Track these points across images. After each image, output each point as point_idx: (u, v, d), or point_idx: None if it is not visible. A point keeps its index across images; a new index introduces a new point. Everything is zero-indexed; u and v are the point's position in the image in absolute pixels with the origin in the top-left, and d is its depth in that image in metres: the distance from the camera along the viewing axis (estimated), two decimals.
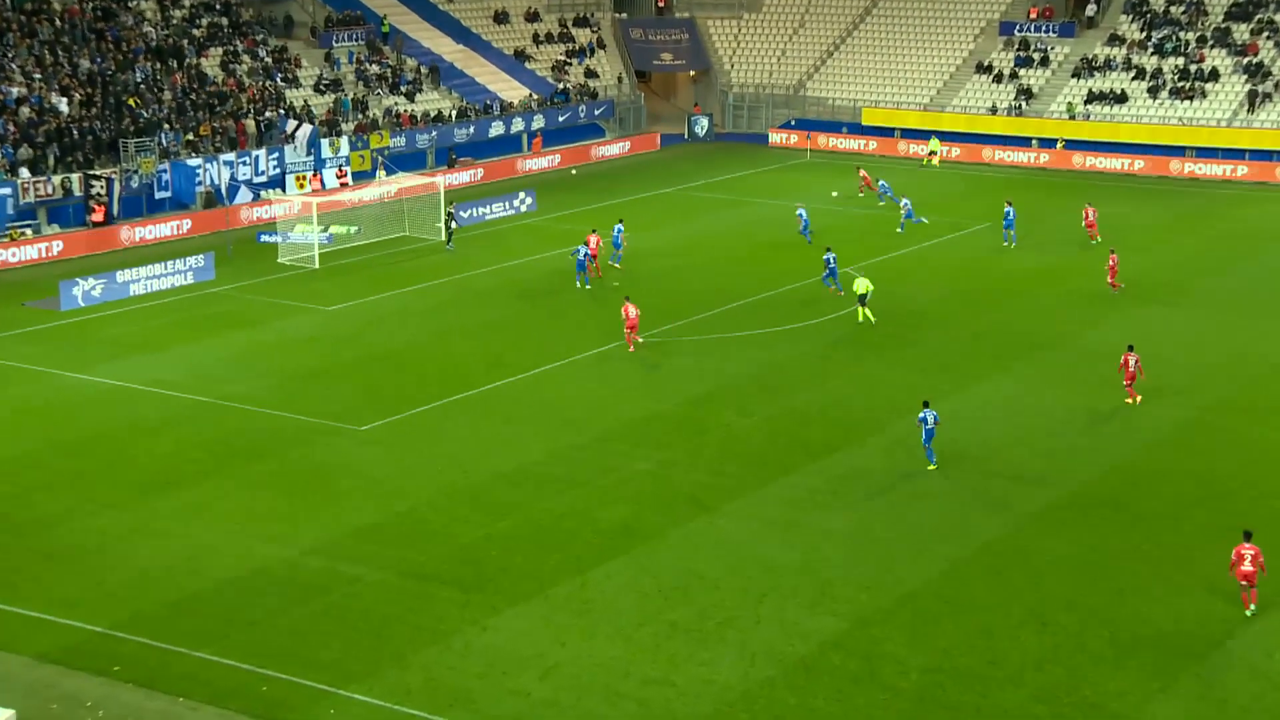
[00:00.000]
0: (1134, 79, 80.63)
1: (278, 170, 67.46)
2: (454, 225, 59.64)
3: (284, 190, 66.45)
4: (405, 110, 76.39)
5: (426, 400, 40.08)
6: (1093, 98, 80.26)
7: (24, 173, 59.11)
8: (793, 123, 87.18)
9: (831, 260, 50.57)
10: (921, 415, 34.93)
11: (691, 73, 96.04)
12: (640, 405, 39.79)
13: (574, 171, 78.04)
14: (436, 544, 31.02)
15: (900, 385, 40.86)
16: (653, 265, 56.05)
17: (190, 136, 65.38)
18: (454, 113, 78.50)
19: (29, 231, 58.03)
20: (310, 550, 30.63)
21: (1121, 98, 79.63)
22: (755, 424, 38.39)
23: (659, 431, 37.73)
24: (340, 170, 69.96)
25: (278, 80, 73.01)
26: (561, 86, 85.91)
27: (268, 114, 69.42)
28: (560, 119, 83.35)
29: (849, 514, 32.52)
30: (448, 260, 57.40)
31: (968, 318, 48.41)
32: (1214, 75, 78.86)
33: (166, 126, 64.69)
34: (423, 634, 27.07)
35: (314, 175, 68.59)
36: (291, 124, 68.35)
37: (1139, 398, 39.32)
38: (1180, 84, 79.02)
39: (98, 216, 59.98)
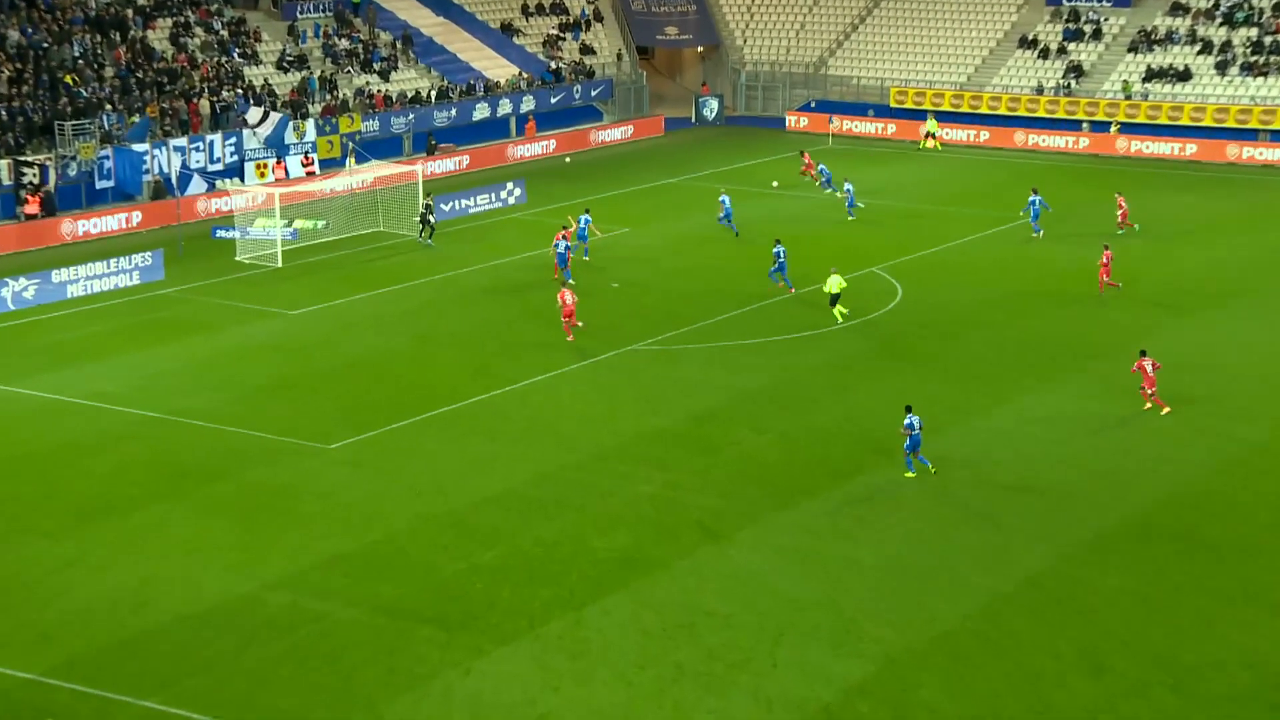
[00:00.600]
0: (1199, 53, 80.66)
1: (235, 157, 67.51)
2: (433, 219, 59.70)
3: (242, 180, 66.49)
4: (378, 90, 76.48)
5: (403, 415, 40.05)
6: (1151, 75, 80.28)
7: None
8: (812, 104, 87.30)
9: (781, 254, 50.90)
10: (908, 421, 35.43)
11: (699, 49, 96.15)
12: (641, 420, 39.76)
13: (567, 159, 78.16)
14: (414, 577, 30.97)
15: (933, 399, 40.79)
16: (655, 264, 56.08)
17: (136, 119, 65.39)
18: (433, 93, 78.58)
19: None
20: (272, 584, 30.56)
21: (1185, 75, 79.64)
22: (770, 441, 38.35)
23: (662, 450, 37.69)
24: (306, 158, 70.01)
25: (235, 56, 73.09)
26: (554, 65, 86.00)
27: (224, 94, 69.48)
28: (553, 101, 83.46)
29: (876, 543, 32.46)
30: (427, 258, 57.40)
31: (1006, 323, 48.40)
32: None
33: (109, 107, 64.72)
34: (398, 678, 27.00)
35: (277, 163, 68.66)
36: (254, 112, 68.26)
37: (1166, 407, 39.58)
38: (1253, 58, 79.00)
39: (31, 208, 59.98)
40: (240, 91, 70.21)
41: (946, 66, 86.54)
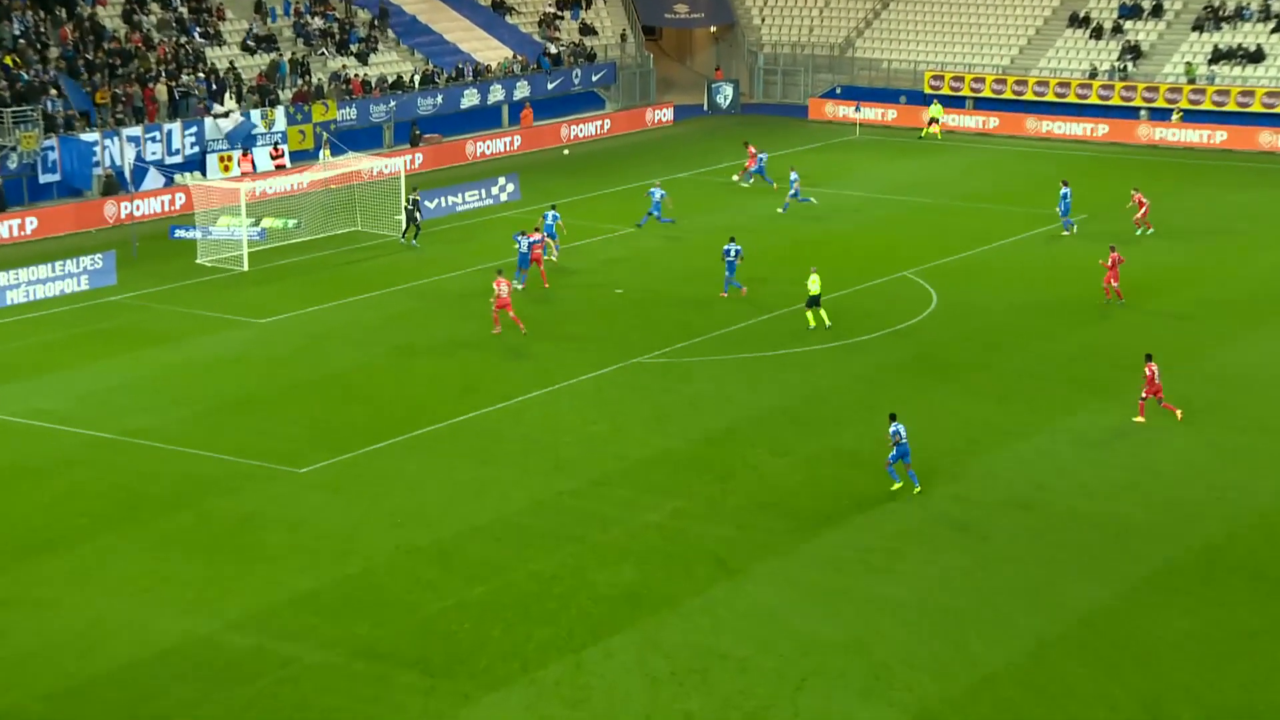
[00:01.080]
0: (1273, 31, 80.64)
1: (196, 149, 67.59)
2: (420, 216, 59.81)
3: (204, 174, 66.57)
4: (356, 75, 76.59)
5: (382, 436, 40.06)
6: (1218, 56, 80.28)
7: None
8: (838, 90, 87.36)
9: (732, 253, 51.05)
10: (894, 429, 35.96)
11: (712, 29, 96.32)
12: (648, 441, 39.76)
13: (566, 152, 78.31)
14: (394, 616, 30.94)
15: (973, 419, 40.78)
16: (662, 267, 56.11)
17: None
18: (416, 78, 78.69)
19: None
20: (235, 625, 30.54)
21: (1256, 56, 79.62)
22: (791, 465, 38.34)
23: (672, 474, 37.68)
24: (275, 149, 70.13)
25: (195, 36, 73.21)
26: (551, 48, 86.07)
27: (183, 78, 69.58)
28: (549, 86, 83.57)
29: (909, 579, 32.41)
30: (410, 260, 57.45)
31: (1050, 332, 48.40)
32: None
33: (54, 92, 64.80)
34: None
35: (243, 155, 68.75)
36: (219, 109, 68.36)
37: (1179, 412, 40.03)
38: None
39: None
40: (202, 75, 70.31)
41: (987, 48, 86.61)
